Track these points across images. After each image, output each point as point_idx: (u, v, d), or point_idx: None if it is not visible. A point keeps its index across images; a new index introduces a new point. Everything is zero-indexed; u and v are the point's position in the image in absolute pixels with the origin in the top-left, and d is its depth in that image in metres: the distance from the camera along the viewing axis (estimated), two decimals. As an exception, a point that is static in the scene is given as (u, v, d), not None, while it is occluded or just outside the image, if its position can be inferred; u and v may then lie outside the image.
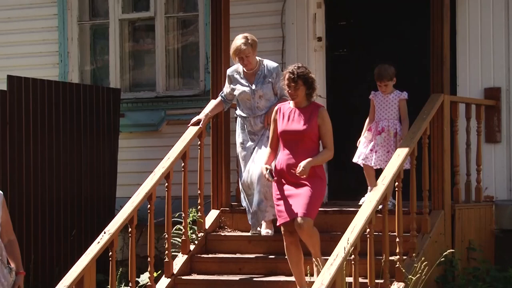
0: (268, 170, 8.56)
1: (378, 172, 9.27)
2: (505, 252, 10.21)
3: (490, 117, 10.49)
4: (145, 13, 12.24)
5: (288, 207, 8.45)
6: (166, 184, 9.40)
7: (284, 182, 8.54)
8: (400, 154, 8.92)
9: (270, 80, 9.36)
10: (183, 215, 9.73)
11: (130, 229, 9.09)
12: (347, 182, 10.78)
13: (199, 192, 9.84)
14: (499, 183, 10.51)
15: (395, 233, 8.76)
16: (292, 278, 8.92)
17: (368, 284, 8.27)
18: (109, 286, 8.99)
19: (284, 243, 8.56)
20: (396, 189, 8.81)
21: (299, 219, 8.33)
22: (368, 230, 8.26)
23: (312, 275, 8.45)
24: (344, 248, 7.85)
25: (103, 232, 8.92)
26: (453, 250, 9.20)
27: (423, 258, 8.56)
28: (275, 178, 8.58)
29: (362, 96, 11.36)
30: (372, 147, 9.71)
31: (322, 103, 11.24)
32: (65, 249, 10.51)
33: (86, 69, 12.47)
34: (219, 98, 9.82)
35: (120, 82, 12.16)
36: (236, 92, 9.42)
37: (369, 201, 8.44)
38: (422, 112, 9.37)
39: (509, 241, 10.28)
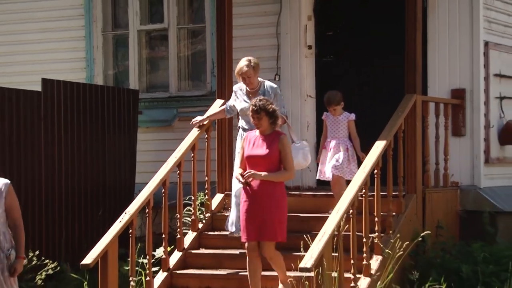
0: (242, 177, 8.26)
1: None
2: (468, 230, 10.20)
3: (456, 114, 10.46)
4: (160, 24, 12.19)
5: (253, 228, 8.13)
6: (178, 171, 9.38)
7: (250, 202, 8.20)
8: (379, 146, 8.91)
9: (269, 98, 9.06)
10: (192, 198, 9.75)
11: (147, 210, 9.08)
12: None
13: (206, 178, 9.81)
14: (463, 170, 10.48)
15: (375, 214, 8.76)
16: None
17: (351, 256, 8.24)
18: (129, 259, 8.98)
19: (247, 257, 8.23)
20: (375, 176, 8.78)
21: (263, 243, 8.14)
22: (351, 211, 8.25)
23: None
24: (330, 227, 7.87)
25: (124, 213, 8.90)
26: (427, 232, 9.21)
27: (398, 235, 8.58)
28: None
29: (346, 95, 11.37)
30: (327, 162, 9.57)
31: (312, 103, 11.28)
32: (92, 227, 10.48)
33: (109, 73, 12.44)
34: (223, 107, 9.70)
35: (138, 84, 12.12)
36: (238, 107, 9.29)
37: (352, 186, 8.41)
38: (397, 110, 9.37)
39: (472, 220, 10.27)
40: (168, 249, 9.31)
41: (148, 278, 9.01)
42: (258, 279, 8.21)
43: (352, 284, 8.21)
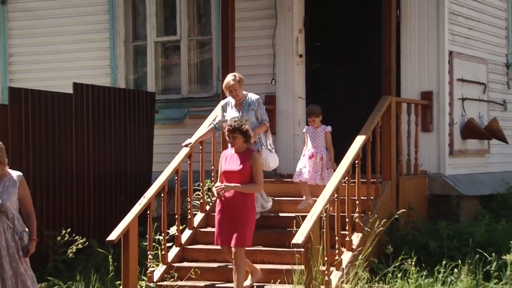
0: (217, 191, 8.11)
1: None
2: (435, 211, 10.23)
3: (425, 113, 10.47)
4: (173, 37, 12.17)
5: (226, 234, 7.97)
6: (189, 162, 9.39)
7: (224, 210, 8.06)
8: (359, 140, 8.93)
9: (253, 108, 9.09)
10: (201, 184, 9.75)
11: (162, 195, 9.14)
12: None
13: (212, 167, 9.77)
14: (431, 161, 10.49)
15: (355, 197, 8.77)
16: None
17: (336, 234, 8.27)
18: (147, 236, 9.00)
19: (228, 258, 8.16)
20: (356, 165, 8.81)
21: (232, 248, 7.92)
22: (335, 195, 8.27)
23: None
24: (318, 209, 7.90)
25: (143, 197, 8.92)
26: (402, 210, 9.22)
27: (376, 215, 8.62)
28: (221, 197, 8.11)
29: (330, 98, 11.38)
30: (303, 167, 9.36)
31: (303, 103, 11.27)
32: (115, 209, 10.49)
33: (130, 78, 12.43)
34: (211, 126, 9.52)
35: (155, 87, 12.12)
36: (228, 117, 9.04)
37: (337, 175, 8.43)
38: (375, 109, 9.39)
39: (438, 203, 10.30)
40: (180, 227, 9.34)
41: (163, 252, 9.05)
42: (248, 263, 8.15)
43: (337, 257, 8.26)
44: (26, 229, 6.76)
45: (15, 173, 6.82)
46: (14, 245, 6.64)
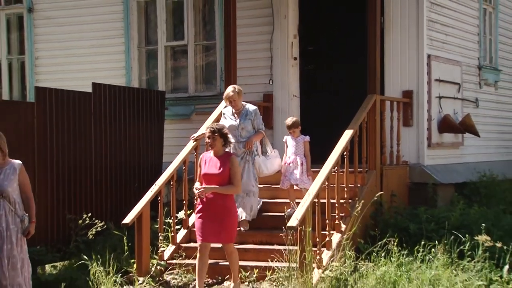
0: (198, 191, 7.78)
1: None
2: (415, 197, 10.22)
3: (406, 110, 10.47)
4: (181, 41, 12.15)
5: (209, 232, 7.65)
6: (195, 153, 9.35)
7: (205, 210, 7.71)
8: (347, 134, 8.93)
9: (250, 118, 8.98)
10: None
11: (171, 183, 9.15)
12: (314, 148, 10.66)
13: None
14: (411, 152, 10.49)
15: (344, 185, 8.76)
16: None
17: (327, 217, 8.27)
18: (158, 219, 9.01)
19: (198, 254, 7.77)
20: (345, 156, 8.80)
21: (225, 245, 7.74)
22: (326, 183, 8.26)
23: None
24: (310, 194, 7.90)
25: (154, 185, 8.94)
26: (381, 193, 9.23)
27: (362, 201, 8.60)
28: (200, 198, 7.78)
29: (322, 96, 11.38)
30: (286, 174, 9.15)
31: (297, 101, 11.25)
32: (130, 195, 10.49)
33: (143, 78, 12.40)
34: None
35: (165, 87, 12.09)
36: (226, 124, 8.89)
37: (327, 165, 8.42)
38: (361, 106, 9.38)
39: (418, 190, 10.30)
40: (188, 212, 9.33)
41: (172, 234, 9.08)
42: (204, 272, 7.84)
43: (327, 239, 8.26)
44: (26, 214, 6.72)
45: (15, 162, 6.79)
46: (13, 227, 6.60)
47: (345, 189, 8.78)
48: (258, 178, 9.11)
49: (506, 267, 7.75)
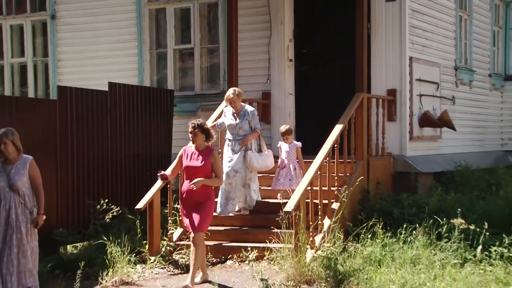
0: (161, 173, 7.59)
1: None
2: (398, 185, 10.20)
3: (390, 106, 10.45)
4: (188, 45, 12.11)
5: (190, 221, 7.31)
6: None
7: (188, 200, 7.37)
8: (338, 128, 8.92)
9: (247, 118, 8.89)
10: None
11: (180, 172, 9.05)
12: (307, 140, 10.65)
13: (220, 151, 9.74)
14: (395, 145, 10.48)
15: (335, 174, 8.76)
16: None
17: (319, 203, 8.26)
18: (167, 205, 9.00)
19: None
20: (335, 148, 8.79)
21: (192, 233, 7.28)
22: (319, 172, 8.25)
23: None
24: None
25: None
26: (362, 177, 9.19)
27: (351, 188, 8.60)
28: (166, 179, 7.63)
29: (315, 93, 11.35)
30: (278, 178, 8.97)
31: (292, 98, 11.23)
32: (142, 183, 10.43)
33: (153, 78, 12.37)
34: (214, 123, 9.20)
35: (174, 86, 12.06)
36: (226, 123, 8.99)
37: (319, 156, 8.41)
38: (350, 103, 9.39)
39: (401, 178, 10.28)
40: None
41: (180, 218, 9.00)
42: (203, 260, 7.51)
43: (320, 222, 8.26)
44: (36, 205, 6.63)
45: (27, 157, 6.67)
46: (23, 219, 6.52)
47: (336, 178, 8.79)
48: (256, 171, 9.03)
49: (480, 247, 7.75)
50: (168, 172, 7.75)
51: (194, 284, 7.31)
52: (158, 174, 7.67)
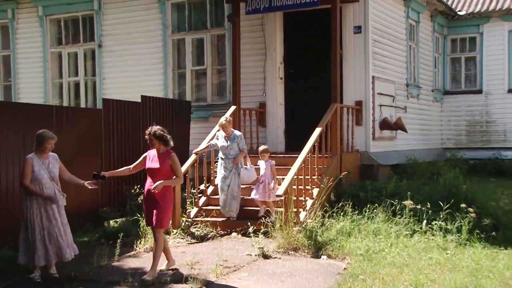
0: (101, 176, 6.41)
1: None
2: (363, 174, 10.11)
3: (357, 114, 10.36)
4: (202, 66, 11.99)
5: (149, 218, 6.29)
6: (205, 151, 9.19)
7: (147, 200, 6.32)
8: (318, 130, 8.83)
9: (236, 141, 8.54)
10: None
11: (195, 164, 9.01)
12: (294, 140, 10.54)
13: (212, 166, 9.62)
14: (361, 143, 10.39)
15: (315, 166, 8.67)
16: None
17: (303, 188, 8.19)
18: (186, 190, 8.91)
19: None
20: (316, 146, 8.70)
21: (154, 229, 6.27)
22: (303, 165, 8.16)
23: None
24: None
25: (184, 166, 8.79)
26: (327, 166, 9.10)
27: (328, 177, 8.50)
28: (104, 176, 6.42)
29: (300, 104, 11.24)
30: (256, 190, 8.41)
31: (282, 108, 11.12)
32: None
33: (175, 92, 12.27)
34: (208, 144, 8.84)
35: (191, 98, 11.98)
36: (219, 144, 8.64)
37: (303, 152, 8.31)
38: (327, 111, 9.29)
39: (365, 169, 10.18)
40: (206, 185, 9.22)
41: (196, 200, 8.99)
42: (166, 248, 6.52)
43: (304, 204, 8.17)
44: (65, 194, 6.43)
45: (54, 154, 6.42)
46: (61, 202, 6.35)
47: (316, 169, 8.69)
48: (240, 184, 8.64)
49: (424, 222, 7.79)
50: (130, 167, 6.66)
51: (158, 272, 6.31)
52: (95, 173, 6.50)
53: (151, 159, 6.41)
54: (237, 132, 8.73)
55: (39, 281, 6.14)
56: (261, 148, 8.76)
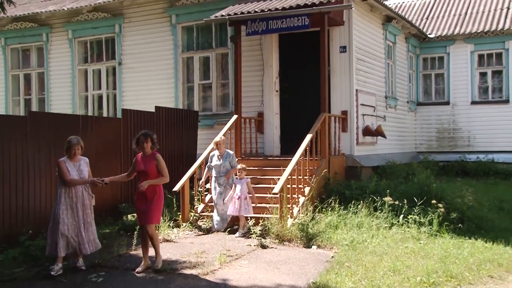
0: (103, 181, 6.16)
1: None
2: (349, 175, 10.03)
3: (343, 122, 10.30)
4: (208, 81, 11.92)
5: (140, 215, 6.00)
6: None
7: (138, 199, 6.04)
8: (309, 136, 8.77)
9: (228, 159, 8.27)
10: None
11: (202, 166, 8.91)
12: (288, 145, 10.46)
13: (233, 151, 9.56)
14: (346, 148, 10.32)
15: (307, 168, 8.60)
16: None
17: (296, 187, 8.11)
18: (194, 188, 8.83)
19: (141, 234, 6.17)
20: (307, 150, 8.62)
21: (147, 226, 5.98)
22: (296, 166, 8.10)
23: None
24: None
25: (191, 167, 8.72)
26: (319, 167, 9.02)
27: (317, 177, 8.44)
28: (106, 183, 6.15)
29: (293, 113, 11.18)
30: (233, 207, 7.85)
31: (278, 117, 11.05)
32: (177, 173, 10.22)
33: (185, 103, 12.20)
34: (206, 168, 8.43)
35: (198, 108, 11.91)
36: (213, 164, 8.20)
37: (296, 155, 8.25)
38: (317, 120, 9.21)
39: (350, 170, 10.09)
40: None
41: (202, 197, 8.89)
42: (147, 248, 6.14)
43: (297, 200, 8.10)
44: (93, 195, 6.30)
45: (84, 158, 6.28)
46: (88, 203, 6.22)
47: (307, 170, 8.62)
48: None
49: (401, 216, 7.74)
50: (125, 174, 6.40)
51: (136, 271, 6.02)
52: (98, 180, 6.22)
53: (140, 162, 6.11)
54: (229, 151, 8.32)
55: (52, 274, 5.82)
56: (239, 166, 8.05)
